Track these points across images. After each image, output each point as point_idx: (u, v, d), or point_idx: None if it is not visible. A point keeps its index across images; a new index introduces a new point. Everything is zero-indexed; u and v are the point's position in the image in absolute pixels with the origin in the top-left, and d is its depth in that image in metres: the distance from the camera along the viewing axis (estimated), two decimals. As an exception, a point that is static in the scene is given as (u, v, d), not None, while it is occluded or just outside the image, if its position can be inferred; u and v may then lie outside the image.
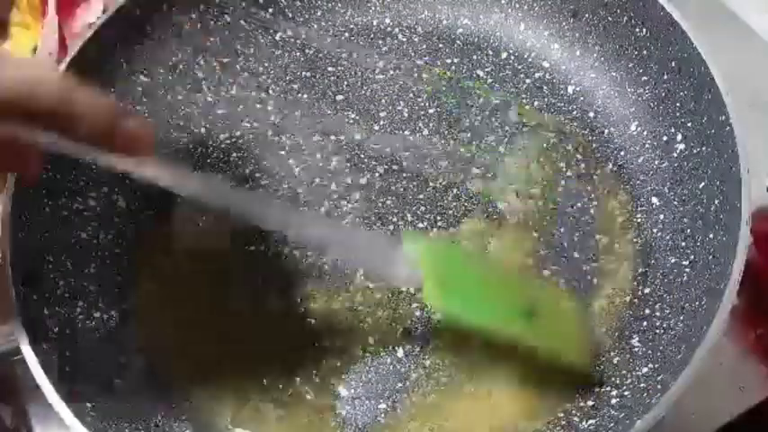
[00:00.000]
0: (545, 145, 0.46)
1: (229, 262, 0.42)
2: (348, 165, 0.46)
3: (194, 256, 0.43)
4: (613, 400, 0.36)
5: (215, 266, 0.42)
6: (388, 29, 0.51)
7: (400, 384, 0.38)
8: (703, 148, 0.40)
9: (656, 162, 0.43)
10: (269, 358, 0.39)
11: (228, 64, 0.50)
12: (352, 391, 0.38)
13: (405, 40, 0.51)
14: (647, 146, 0.44)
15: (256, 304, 0.41)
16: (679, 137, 0.42)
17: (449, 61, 0.50)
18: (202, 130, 0.48)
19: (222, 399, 0.38)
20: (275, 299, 0.41)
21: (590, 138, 0.46)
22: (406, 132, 0.47)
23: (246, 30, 0.51)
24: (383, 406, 0.38)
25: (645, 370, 0.36)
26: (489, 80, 0.48)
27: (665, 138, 0.43)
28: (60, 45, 0.48)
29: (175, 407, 0.38)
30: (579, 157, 0.45)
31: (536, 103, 0.47)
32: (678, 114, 0.42)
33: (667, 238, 0.41)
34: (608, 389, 0.37)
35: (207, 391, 0.39)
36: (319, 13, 0.52)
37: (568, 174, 0.45)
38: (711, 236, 0.38)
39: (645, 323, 0.39)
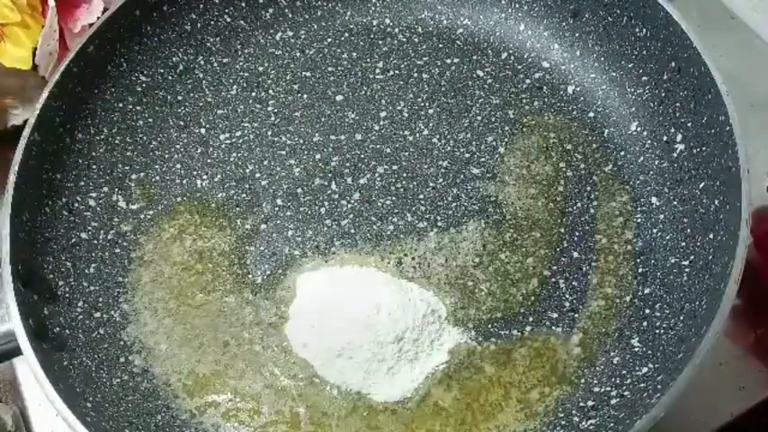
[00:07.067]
0: (545, 145, 0.46)
1: (229, 262, 0.42)
2: (348, 165, 0.46)
3: (194, 256, 0.43)
4: (613, 400, 0.36)
5: (215, 267, 0.42)
6: (388, 29, 0.51)
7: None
8: (703, 149, 0.40)
9: (656, 162, 0.43)
10: (270, 359, 0.39)
11: (228, 64, 0.50)
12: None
13: (405, 40, 0.51)
14: (647, 146, 0.44)
15: (255, 305, 0.41)
16: (679, 137, 0.42)
17: (449, 61, 0.50)
18: (202, 130, 0.48)
19: (221, 397, 0.38)
20: (274, 299, 0.41)
21: (590, 138, 0.46)
22: (406, 132, 0.47)
23: (246, 30, 0.51)
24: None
25: (645, 370, 0.36)
26: (489, 80, 0.48)
27: (665, 138, 0.43)
28: (61, 45, 0.48)
29: (175, 407, 0.38)
30: (579, 157, 0.45)
31: (536, 103, 0.47)
32: (678, 114, 0.42)
33: (667, 238, 0.41)
34: (608, 389, 0.37)
35: (207, 391, 0.39)
36: (319, 13, 0.52)
37: (568, 174, 0.45)
38: (711, 236, 0.38)
39: (645, 323, 0.39)
